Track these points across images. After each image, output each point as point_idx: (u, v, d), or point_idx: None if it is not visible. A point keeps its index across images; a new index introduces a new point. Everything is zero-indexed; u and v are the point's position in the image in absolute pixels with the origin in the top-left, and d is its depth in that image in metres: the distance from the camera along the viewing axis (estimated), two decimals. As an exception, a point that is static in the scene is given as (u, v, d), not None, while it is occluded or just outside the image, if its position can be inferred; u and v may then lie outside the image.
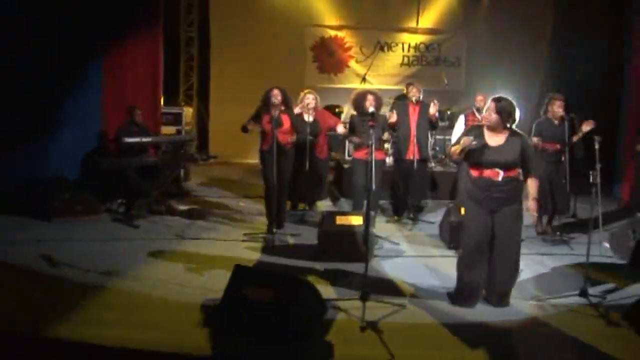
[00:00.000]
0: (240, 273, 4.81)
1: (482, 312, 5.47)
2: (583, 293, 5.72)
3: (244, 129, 7.85)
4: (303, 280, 4.66)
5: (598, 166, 5.82)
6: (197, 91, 14.97)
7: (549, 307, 5.64)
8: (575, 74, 12.34)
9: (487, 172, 5.40)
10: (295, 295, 4.55)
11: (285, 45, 14.44)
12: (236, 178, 12.26)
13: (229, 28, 14.31)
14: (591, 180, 5.73)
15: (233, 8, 14.30)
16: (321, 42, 14.96)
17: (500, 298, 5.58)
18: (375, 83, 14.31)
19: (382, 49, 14.93)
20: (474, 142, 5.34)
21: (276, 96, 7.70)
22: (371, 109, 7.65)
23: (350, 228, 6.72)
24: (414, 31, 14.93)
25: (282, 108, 7.76)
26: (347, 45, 14.97)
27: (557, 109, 7.88)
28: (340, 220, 6.86)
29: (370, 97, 7.91)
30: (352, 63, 14.93)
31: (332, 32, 14.96)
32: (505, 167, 5.39)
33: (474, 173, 5.48)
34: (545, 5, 14.57)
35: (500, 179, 5.38)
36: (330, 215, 7.00)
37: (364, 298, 5.31)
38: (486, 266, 5.56)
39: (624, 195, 10.83)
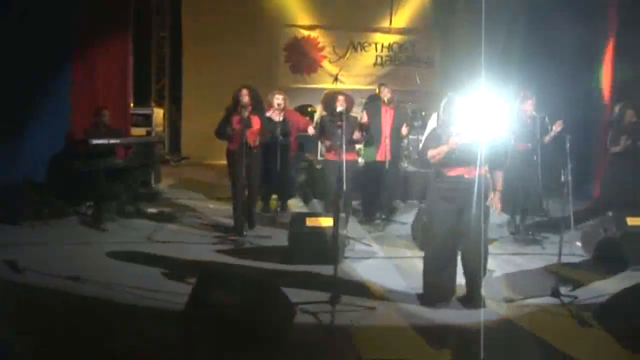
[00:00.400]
0: (206, 278, 4.69)
1: (453, 314, 5.40)
2: (555, 293, 5.69)
3: (226, 136, 7.72)
4: (270, 284, 4.56)
5: (569, 165, 5.77)
6: (170, 92, 14.76)
7: (521, 307, 5.59)
8: (547, 72, 12.39)
9: (460, 170, 5.33)
10: (262, 300, 4.44)
11: (258, 46, 14.25)
12: (208, 180, 12.06)
13: (201, 28, 14.07)
14: (562, 179, 5.70)
15: (205, 7, 14.08)
16: (294, 42, 14.76)
17: (470, 297, 5.52)
18: (348, 83, 14.20)
19: (355, 49, 14.79)
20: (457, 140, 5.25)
21: (244, 96, 7.59)
22: (339, 109, 7.55)
23: (320, 230, 6.61)
24: (387, 31, 14.81)
25: (250, 109, 7.65)
26: (320, 45, 14.81)
27: (529, 108, 7.86)
28: (310, 221, 6.76)
29: (340, 98, 7.81)
30: (325, 63, 14.76)
31: (305, 32, 14.78)
32: (477, 164, 5.32)
33: (447, 171, 5.38)
34: (516, 4, 14.60)
35: (473, 175, 5.31)
36: (300, 217, 6.90)
37: (333, 301, 5.23)
38: (456, 266, 5.50)
39: (596, 194, 10.83)
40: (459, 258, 5.61)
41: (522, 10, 14.37)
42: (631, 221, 7.06)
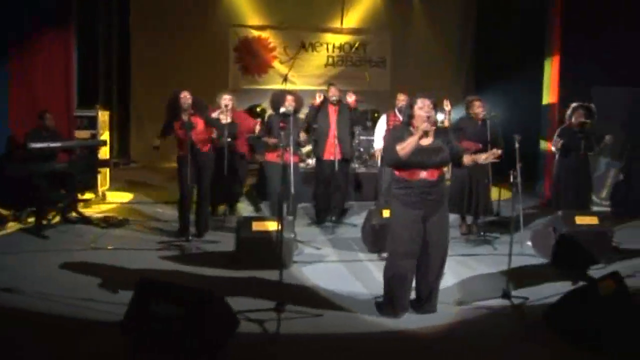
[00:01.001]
0: (145, 287, 4.47)
1: (403, 319, 5.28)
2: (505, 295, 5.64)
3: (156, 148, 7.61)
4: (212, 292, 4.36)
5: (518, 165, 5.72)
6: (118, 93, 14.41)
7: (472, 310, 5.51)
8: (498, 72, 12.48)
9: (424, 174, 5.15)
10: (203, 310, 4.24)
11: (208, 46, 14.08)
12: (156, 183, 11.80)
13: (150, 28, 13.82)
14: (511, 179, 5.64)
15: (154, 8, 13.81)
16: (244, 42, 14.62)
17: (424, 302, 5.40)
18: (299, 84, 14.13)
19: (306, 49, 14.70)
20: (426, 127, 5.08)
21: (186, 99, 7.41)
22: (282, 110, 7.39)
23: (267, 234, 6.44)
24: (339, 31, 14.78)
25: (192, 111, 7.46)
26: (270, 45, 14.68)
27: (477, 109, 7.84)
28: (256, 226, 6.56)
29: (289, 98, 7.66)
30: (276, 64, 14.65)
31: (256, 33, 14.64)
32: (440, 166, 5.23)
33: (408, 176, 5.18)
34: (468, 7, 14.72)
35: (436, 179, 5.19)
36: (246, 221, 6.69)
37: (279, 309, 5.06)
38: (414, 274, 5.37)
39: (546, 193, 10.89)
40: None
41: (472, 14, 14.52)
42: (580, 220, 7.08)
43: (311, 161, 9.09)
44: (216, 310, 4.35)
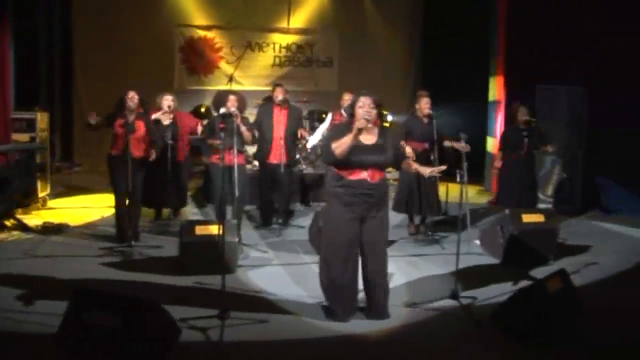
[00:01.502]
0: (80, 297, 4.26)
1: (352, 323, 5.17)
2: (454, 295, 5.59)
3: (88, 125, 7.28)
4: (151, 301, 4.18)
5: (465, 164, 5.67)
6: (61, 94, 13.99)
7: (421, 312, 5.44)
8: (445, 72, 12.54)
9: (364, 174, 5.03)
10: (142, 320, 4.06)
11: (153, 47, 13.80)
12: (100, 187, 11.45)
13: (94, 28, 13.47)
14: (458, 179, 5.59)
15: (97, 7, 13.45)
16: (190, 42, 14.39)
17: (373, 308, 5.27)
18: (246, 84, 14.02)
19: (252, 49, 14.54)
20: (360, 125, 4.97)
21: (132, 99, 7.18)
22: (222, 110, 7.20)
23: (211, 238, 6.22)
24: (286, 31, 14.67)
25: (138, 113, 7.25)
26: (217, 45, 14.48)
27: (424, 106, 7.79)
28: (200, 230, 6.34)
29: (231, 98, 7.48)
30: (222, 64, 14.45)
31: (202, 32, 14.43)
32: (382, 166, 5.14)
33: (348, 175, 5.05)
34: (415, 5, 14.76)
35: (377, 180, 5.08)
36: (189, 225, 6.48)
37: (222, 315, 4.90)
38: (357, 274, 5.26)
39: (494, 191, 10.96)
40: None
41: (420, 13, 14.58)
42: (526, 218, 7.10)
43: (256, 163, 8.92)
44: (155, 319, 4.17)
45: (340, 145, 4.96)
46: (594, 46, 9.77)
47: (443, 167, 5.38)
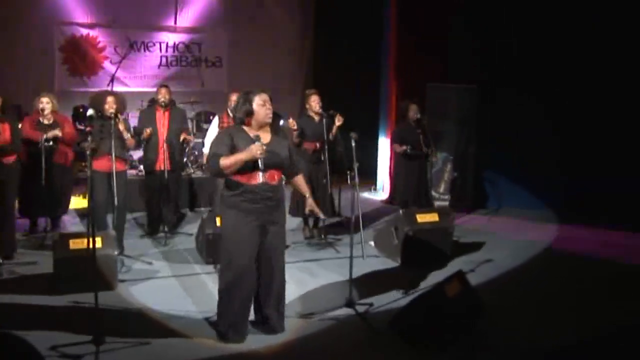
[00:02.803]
0: None
1: (249, 340, 4.80)
2: (349, 303, 5.35)
3: None
4: (5, 334, 3.66)
5: (356, 165, 5.43)
6: None
7: (316, 322, 5.16)
8: (337, 70, 12.40)
9: (263, 176, 4.62)
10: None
11: (30, 46, 12.83)
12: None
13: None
14: (349, 180, 5.34)
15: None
16: (71, 41, 13.47)
17: (269, 322, 4.93)
18: (132, 85, 13.32)
19: (138, 49, 13.84)
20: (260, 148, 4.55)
21: None
22: (89, 112, 6.64)
23: (87, 252, 5.70)
24: (173, 30, 14.06)
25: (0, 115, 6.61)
26: (100, 45, 13.66)
27: (314, 104, 7.54)
28: (74, 243, 5.73)
29: (109, 100, 6.94)
30: (106, 64, 13.65)
31: (84, 31, 13.54)
32: (280, 168, 4.77)
33: (247, 180, 4.61)
34: (305, 4, 14.56)
35: (277, 181, 4.72)
36: (63, 238, 5.89)
37: (97, 340, 4.42)
38: (253, 291, 4.88)
39: (387, 191, 10.89)
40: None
41: (311, 11, 14.40)
42: (421, 218, 6.99)
43: (142, 167, 8.40)
44: (16, 353, 3.66)
45: (232, 164, 4.54)
46: (487, 43, 9.85)
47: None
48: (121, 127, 6.88)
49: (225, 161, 4.53)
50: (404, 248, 6.80)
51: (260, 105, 4.72)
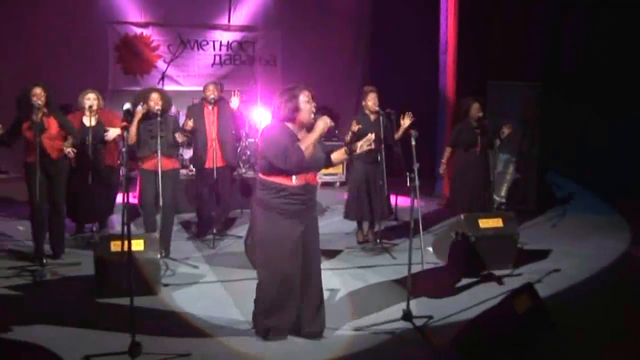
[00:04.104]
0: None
1: (291, 353, 4.48)
2: (406, 316, 4.92)
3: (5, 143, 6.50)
4: (36, 346, 3.40)
5: (416, 166, 4.99)
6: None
7: (369, 336, 4.76)
8: (394, 67, 12.07)
9: (307, 178, 4.46)
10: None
11: (84, 45, 12.83)
12: (24, 197, 10.48)
13: (19, 25, 12.38)
14: (408, 183, 4.92)
15: (20, 4, 12.44)
16: (125, 40, 13.48)
17: (311, 327, 4.66)
18: (185, 84, 13.26)
19: (191, 47, 13.73)
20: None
21: (38, 96, 6.35)
22: (126, 106, 6.13)
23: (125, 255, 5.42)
24: (226, 28, 13.91)
25: (46, 110, 6.42)
26: (154, 44, 13.62)
27: (371, 102, 7.16)
28: (116, 245, 5.44)
29: (154, 97, 6.69)
30: (160, 63, 13.57)
31: (137, 30, 13.54)
32: (319, 168, 4.62)
33: (293, 181, 4.42)
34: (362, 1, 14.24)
35: (316, 181, 4.57)
36: (104, 240, 5.63)
37: (132, 352, 4.12)
38: (297, 295, 4.59)
39: (445, 192, 10.45)
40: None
41: (367, 8, 14.11)
42: (483, 223, 6.55)
43: (188, 171, 8.16)
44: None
45: (309, 146, 4.36)
46: (552, 38, 9.39)
47: (372, 136, 4.77)
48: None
49: (303, 145, 4.35)
50: (466, 255, 6.38)
51: (305, 102, 4.53)
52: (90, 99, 7.31)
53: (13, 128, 6.46)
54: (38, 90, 6.40)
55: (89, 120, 7.27)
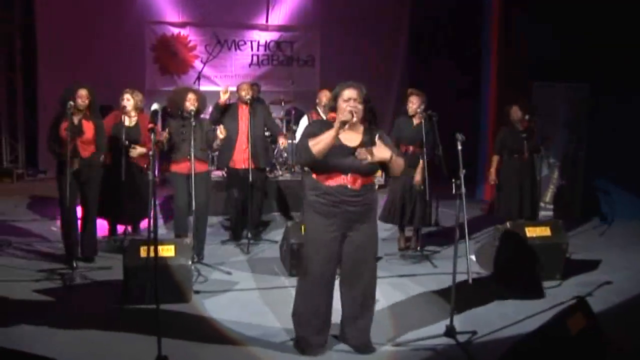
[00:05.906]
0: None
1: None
2: (449, 332, 4.63)
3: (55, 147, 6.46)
4: None
5: (462, 172, 4.69)
6: (23, 96, 12.99)
7: (409, 352, 4.50)
8: (434, 68, 11.81)
9: (344, 179, 4.22)
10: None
11: (122, 45, 12.82)
12: (59, 197, 10.43)
13: (57, 26, 12.47)
14: (454, 190, 4.62)
15: (60, 3, 12.46)
16: (162, 40, 13.45)
17: (358, 343, 4.44)
18: (222, 84, 12.99)
19: (229, 47, 13.64)
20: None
21: (83, 98, 6.26)
22: (154, 106, 5.89)
23: (159, 261, 5.23)
24: (264, 28, 13.80)
25: (87, 113, 6.32)
26: (191, 44, 13.56)
27: (413, 105, 6.89)
28: (145, 251, 5.28)
29: (191, 97, 6.50)
30: (196, 63, 13.51)
31: (175, 30, 13.51)
32: (366, 172, 4.30)
33: (326, 181, 4.25)
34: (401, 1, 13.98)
35: (359, 187, 4.25)
36: (134, 245, 5.45)
37: (161, 364, 3.90)
38: (331, 301, 4.36)
39: (487, 197, 10.14)
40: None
41: (405, 8, 13.87)
42: (530, 231, 6.22)
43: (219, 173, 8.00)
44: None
45: (320, 142, 4.16)
46: (598, 40, 8.98)
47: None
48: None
49: (313, 140, 4.21)
50: (512, 266, 6.07)
51: (344, 101, 4.28)
52: (124, 99, 7.19)
53: (54, 126, 6.37)
54: (84, 92, 6.32)
55: (126, 120, 7.16)
